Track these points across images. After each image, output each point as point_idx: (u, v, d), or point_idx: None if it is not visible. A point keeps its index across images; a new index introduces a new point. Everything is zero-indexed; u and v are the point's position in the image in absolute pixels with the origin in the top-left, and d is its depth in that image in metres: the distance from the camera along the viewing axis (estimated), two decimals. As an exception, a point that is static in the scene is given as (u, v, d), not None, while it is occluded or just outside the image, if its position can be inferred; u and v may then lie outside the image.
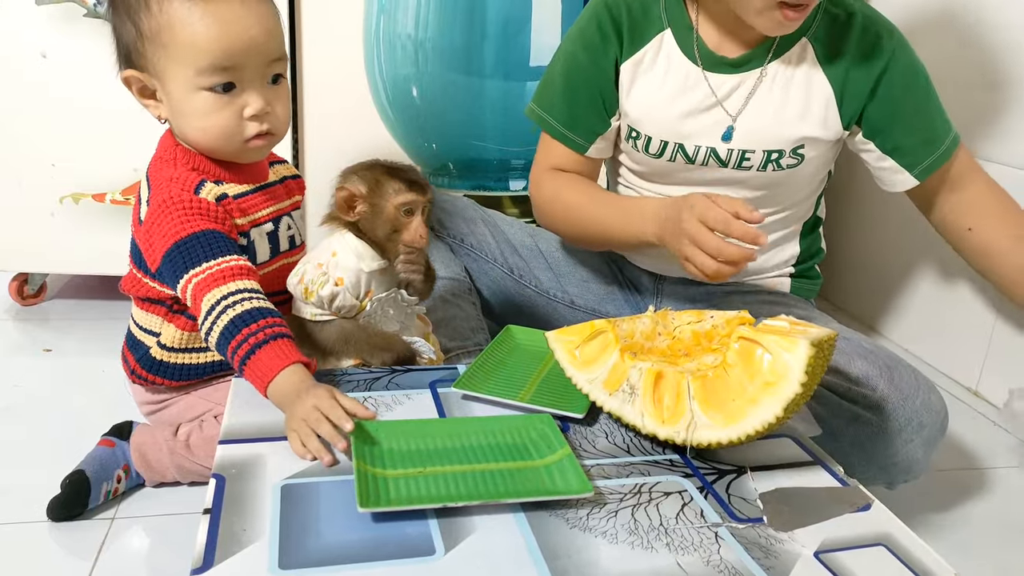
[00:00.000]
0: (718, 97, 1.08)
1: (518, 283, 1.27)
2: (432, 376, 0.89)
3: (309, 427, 0.72)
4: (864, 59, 1.04)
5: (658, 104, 1.10)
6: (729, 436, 0.71)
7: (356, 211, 0.91)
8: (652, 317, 0.85)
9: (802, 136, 1.07)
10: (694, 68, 1.08)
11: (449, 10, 1.41)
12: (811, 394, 0.73)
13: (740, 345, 0.72)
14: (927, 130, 1.08)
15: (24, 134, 1.49)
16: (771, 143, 1.07)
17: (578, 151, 1.17)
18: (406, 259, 0.93)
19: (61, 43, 1.44)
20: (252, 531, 0.61)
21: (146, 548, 0.98)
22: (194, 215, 0.88)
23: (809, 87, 1.06)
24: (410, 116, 1.51)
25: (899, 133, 1.07)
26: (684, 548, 0.63)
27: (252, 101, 0.89)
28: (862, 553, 0.64)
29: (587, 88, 1.14)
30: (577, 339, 0.82)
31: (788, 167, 1.09)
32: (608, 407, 0.78)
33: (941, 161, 1.08)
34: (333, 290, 0.90)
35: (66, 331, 1.55)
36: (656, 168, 1.15)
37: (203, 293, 0.83)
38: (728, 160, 1.09)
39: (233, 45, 0.86)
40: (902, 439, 0.96)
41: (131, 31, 0.88)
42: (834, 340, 0.74)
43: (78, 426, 1.13)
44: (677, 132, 1.10)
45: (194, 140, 0.91)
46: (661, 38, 1.10)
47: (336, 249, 0.92)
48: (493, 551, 0.61)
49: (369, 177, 0.92)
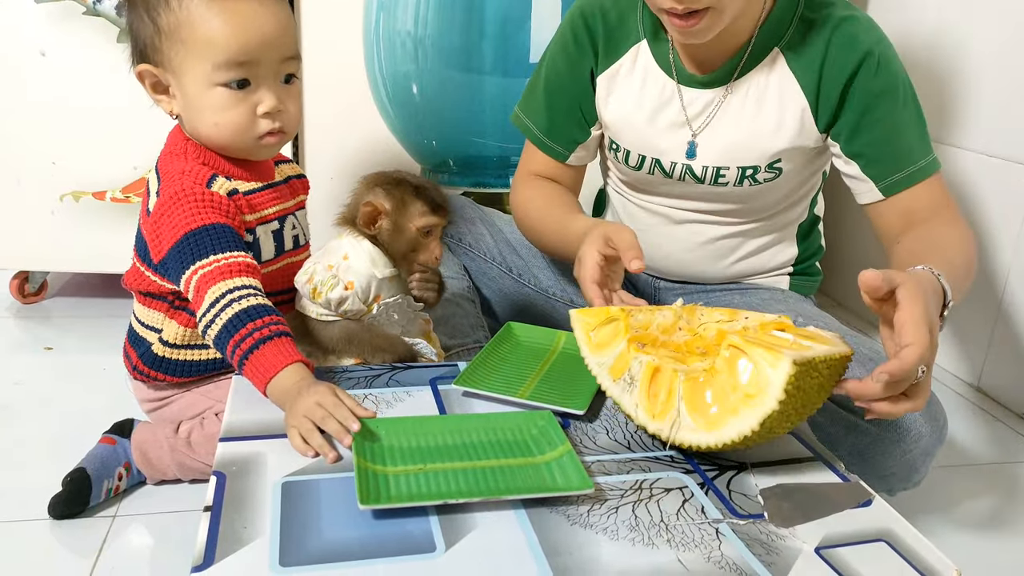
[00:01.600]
0: (687, 114, 1.05)
1: (517, 282, 1.26)
2: (432, 373, 0.89)
3: (312, 423, 0.72)
4: (836, 62, 0.99)
5: (634, 119, 1.09)
6: (708, 441, 0.70)
7: (377, 226, 0.93)
8: (676, 311, 0.84)
9: (777, 151, 1.03)
10: (670, 82, 1.06)
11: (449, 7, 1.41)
12: (804, 411, 0.71)
13: (730, 353, 0.71)
14: (898, 143, 1.00)
15: (24, 132, 1.49)
16: (744, 160, 1.04)
17: (558, 159, 1.17)
18: (421, 278, 0.96)
19: (60, 41, 1.44)
20: (253, 528, 0.61)
21: (147, 546, 0.98)
22: (205, 208, 0.88)
23: (782, 99, 1.02)
24: (410, 113, 1.51)
25: (866, 139, 1.00)
26: (685, 544, 0.63)
27: (266, 98, 0.90)
28: (863, 549, 0.64)
29: (565, 97, 1.13)
30: (594, 322, 0.82)
31: (766, 181, 1.06)
32: (611, 392, 0.78)
33: (911, 181, 0.99)
34: (343, 294, 0.90)
35: (67, 329, 1.56)
36: (638, 180, 1.14)
37: (208, 285, 0.83)
38: (704, 177, 1.07)
39: (250, 41, 0.87)
40: (900, 449, 0.95)
41: (148, 26, 0.89)
42: (845, 359, 0.71)
43: (79, 424, 1.13)
44: (653, 147, 1.08)
45: (207, 135, 0.92)
46: (637, 49, 1.08)
47: (348, 253, 0.92)
48: (494, 548, 0.61)
49: (396, 195, 0.93)
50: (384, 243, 0.94)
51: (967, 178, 1.53)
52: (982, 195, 1.50)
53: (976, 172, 1.51)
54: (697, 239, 1.14)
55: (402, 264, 0.95)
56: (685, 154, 1.06)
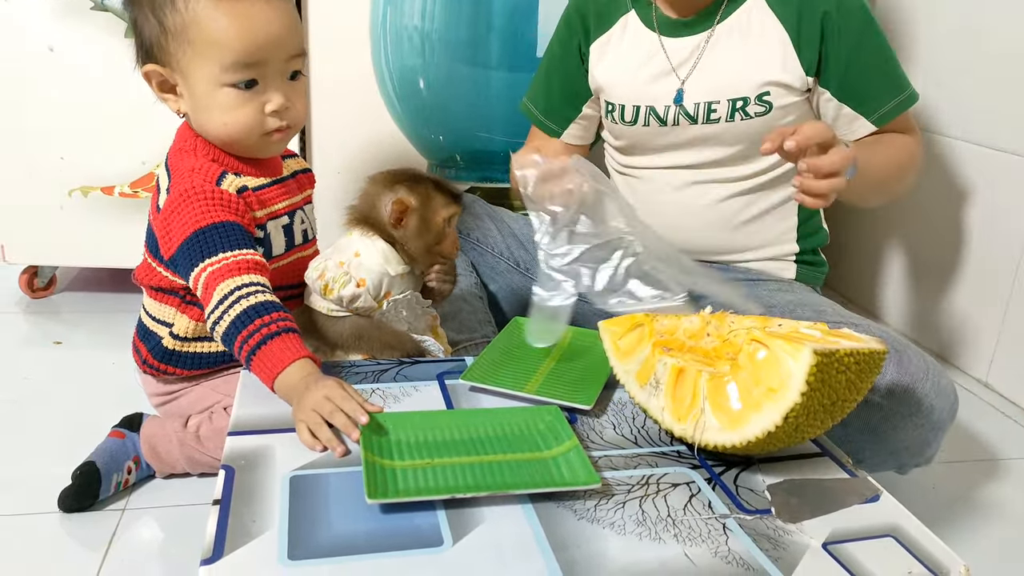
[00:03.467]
0: (671, 61, 1.14)
1: (525, 276, 1.27)
2: (440, 368, 0.89)
3: (320, 417, 0.72)
4: (810, 2, 1.07)
5: (624, 73, 1.18)
6: (732, 440, 0.69)
7: (404, 223, 0.93)
8: (704, 317, 0.83)
9: (764, 81, 1.09)
10: (654, 36, 1.15)
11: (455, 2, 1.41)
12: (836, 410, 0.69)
13: (752, 347, 0.70)
14: (887, 74, 1.10)
15: (32, 128, 1.49)
16: (733, 91, 1.10)
17: (553, 135, 1.29)
18: (440, 269, 0.98)
19: (68, 37, 1.45)
20: (261, 522, 0.62)
21: (156, 539, 0.99)
22: (215, 205, 0.88)
23: (764, 34, 1.09)
24: (417, 108, 1.51)
25: (856, 75, 1.09)
26: (692, 539, 0.63)
27: (273, 97, 0.90)
28: (871, 544, 0.64)
29: (558, 75, 1.26)
30: (620, 330, 0.82)
31: (757, 115, 1.11)
32: (638, 399, 0.78)
33: (901, 109, 1.10)
34: (355, 291, 0.91)
35: (76, 324, 1.56)
36: (635, 139, 1.19)
37: (217, 282, 0.83)
38: (696, 115, 1.12)
39: (257, 42, 0.87)
40: (913, 423, 0.96)
41: (154, 26, 0.88)
42: (875, 355, 0.69)
43: (88, 418, 1.13)
44: (645, 95, 1.16)
45: (215, 134, 0.92)
46: (626, 18, 1.18)
47: (360, 250, 0.92)
48: (501, 542, 0.61)
49: (420, 190, 0.94)
50: (408, 239, 0.94)
51: (975, 172, 1.52)
52: (990, 189, 1.49)
53: (984, 166, 1.50)
54: (701, 202, 1.17)
55: (425, 258, 0.96)
56: (674, 100, 1.13)
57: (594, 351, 0.94)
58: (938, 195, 1.59)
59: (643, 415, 0.82)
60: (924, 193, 1.61)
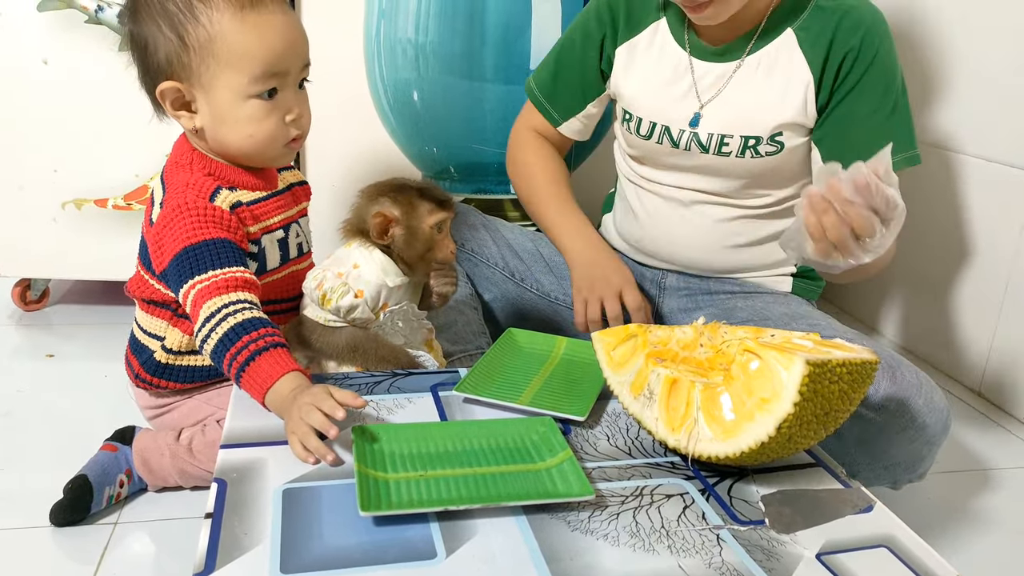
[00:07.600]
0: (697, 85, 1.12)
1: (520, 287, 1.27)
2: (433, 379, 0.89)
3: (308, 427, 0.72)
4: (840, 43, 1.05)
5: (649, 88, 1.16)
6: (726, 451, 0.69)
7: (390, 235, 0.93)
8: (697, 328, 0.83)
9: (779, 123, 1.08)
10: (684, 55, 1.13)
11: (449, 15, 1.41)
12: (828, 420, 0.69)
13: (745, 358, 0.70)
14: (884, 129, 1.04)
15: (26, 140, 1.49)
16: (747, 129, 1.09)
17: (551, 123, 1.27)
18: (439, 274, 0.98)
19: (62, 49, 1.45)
20: (254, 535, 0.61)
21: (149, 552, 0.98)
22: (207, 222, 0.88)
23: (790, 73, 1.08)
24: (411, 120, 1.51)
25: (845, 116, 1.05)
26: (685, 550, 0.63)
27: (293, 106, 0.92)
28: (864, 555, 0.64)
29: (572, 68, 1.23)
30: (614, 341, 0.83)
31: (767, 155, 1.10)
32: (631, 410, 0.78)
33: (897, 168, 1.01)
34: (353, 302, 0.91)
35: (69, 336, 1.56)
36: (647, 151, 1.19)
37: (204, 300, 0.83)
38: (708, 146, 1.12)
39: (281, 51, 0.89)
40: (905, 437, 0.96)
41: (171, 41, 0.87)
42: (867, 365, 0.70)
43: (80, 431, 1.13)
44: (664, 115, 1.14)
45: (238, 146, 0.92)
46: (657, 26, 1.16)
47: (358, 262, 0.92)
48: (494, 554, 0.61)
49: (403, 200, 0.93)
50: (399, 250, 0.94)
51: (966, 183, 1.53)
52: (981, 201, 1.50)
53: (975, 177, 1.51)
54: (705, 221, 1.17)
55: (420, 267, 0.96)
56: (689, 123, 1.12)
57: (587, 362, 0.94)
58: (931, 206, 1.60)
59: (637, 426, 0.82)
60: (917, 204, 1.61)
